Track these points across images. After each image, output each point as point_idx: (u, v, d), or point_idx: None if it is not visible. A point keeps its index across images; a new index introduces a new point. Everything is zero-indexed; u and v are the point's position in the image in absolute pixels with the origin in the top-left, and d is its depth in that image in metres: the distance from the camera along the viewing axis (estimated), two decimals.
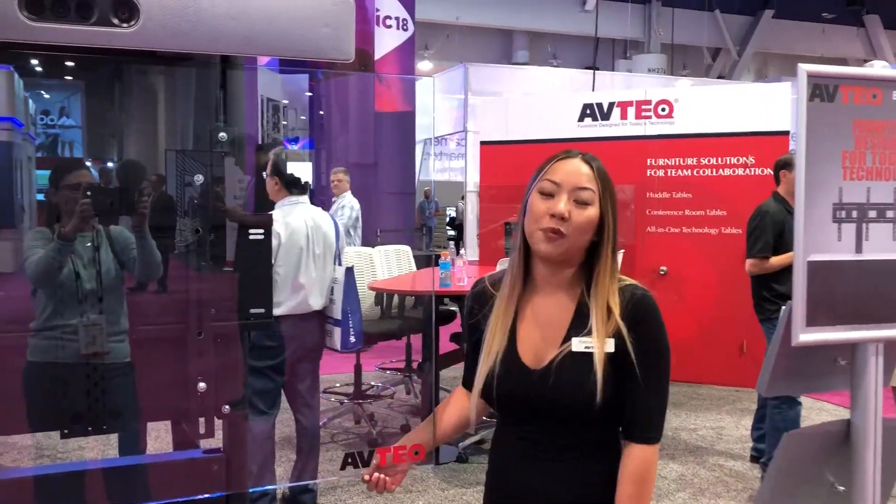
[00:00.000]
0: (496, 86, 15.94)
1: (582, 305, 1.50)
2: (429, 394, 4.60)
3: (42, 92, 2.27)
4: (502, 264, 4.46)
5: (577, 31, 20.53)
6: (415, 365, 5.66)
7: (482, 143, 7.12)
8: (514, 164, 6.62)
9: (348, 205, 7.29)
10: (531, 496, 1.51)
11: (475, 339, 1.61)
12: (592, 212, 1.48)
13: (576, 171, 1.50)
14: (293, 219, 3.51)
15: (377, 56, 11.16)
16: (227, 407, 1.62)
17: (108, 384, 2.05)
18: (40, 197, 2.19)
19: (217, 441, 1.65)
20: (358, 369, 5.10)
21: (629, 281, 1.54)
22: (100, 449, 4.20)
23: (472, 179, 14.90)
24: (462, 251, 6.66)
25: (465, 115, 15.18)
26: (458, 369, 5.63)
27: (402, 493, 4.02)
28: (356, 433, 5.01)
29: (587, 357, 1.45)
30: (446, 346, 4.86)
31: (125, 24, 1.32)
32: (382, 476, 1.57)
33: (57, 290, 2.42)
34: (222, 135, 1.61)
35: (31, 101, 2.09)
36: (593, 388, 1.43)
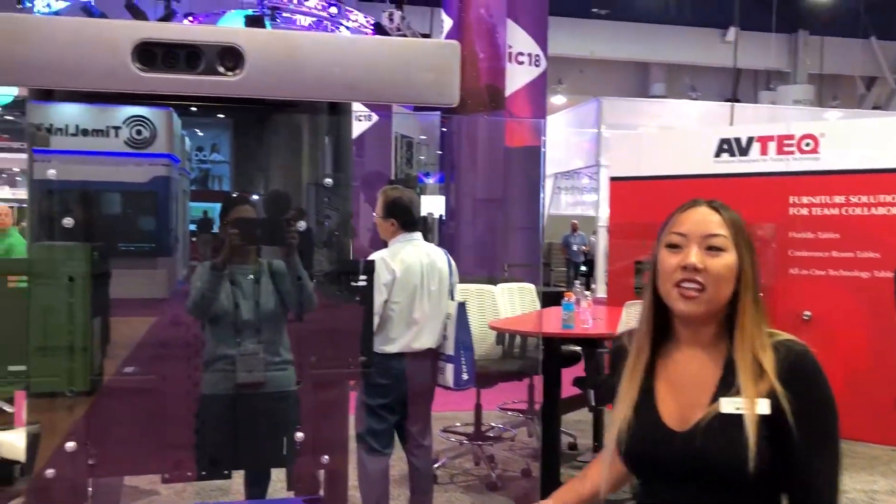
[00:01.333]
0: (631, 119, 15.66)
1: (729, 362, 1.39)
2: (549, 440, 4.46)
3: (196, 130, 2.39)
4: (629, 307, 4.28)
5: (716, 62, 19.87)
6: (537, 406, 5.52)
7: (612, 178, 6.94)
8: (645, 201, 6.40)
9: None
10: None
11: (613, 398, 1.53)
12: (729, 258, 1.38)
13: (703, 219, 1.41)
14: (407, 255, 3.51)
15: (509, 92, 11.20)
16: (325, 457, 1.59)
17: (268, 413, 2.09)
18: (192, 227, 2.27)
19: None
20: (478, 409, 5.03)
21: (784, 336, 1.42)
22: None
23: (604, 214, 14.63)
24: (593, 287, 6.48)
25: (599, 150, 14.98)
26: (581, 413, 5.45)
27: None
28: (475, 475, 4.91)
29: (738, 419, 1.33)
30: (569, 389, 4.71)
31: (230, 73, 1.34)
32: None
33: (217, 322, 2.47)
34: (328, 181, 1.60)
35: (186, 139, 2.21)
36: (745, 452, 1.30)
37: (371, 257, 3.42)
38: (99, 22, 1.36)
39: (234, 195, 2.39)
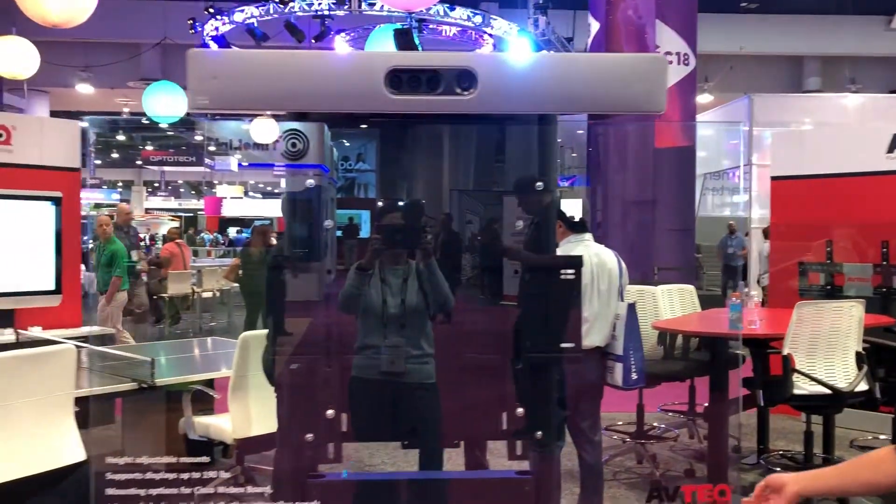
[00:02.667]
0: (784, 116, 14.98)
1: None
2: (715, 440, 4.45)
3: (344, 140, 2.51)
4: (800, 307, 4.22)
5: (880, 51, 18.64)
6: (699, 409, 5.49)
7: (773, 177, 6.76)
8: (809, 200, 6.22)
9: None
10: None
11: None
12: None
13: None
14: (577, 254, 3.64)
15: None
16: (540, 433, 1.76)
17: (410, 402, 2.31)
18: (338, 233, 2.39)
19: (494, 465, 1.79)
20: (640, 409, 5.08)
21: None
22: (396, 465, 4.64)
23: (756, 215, 14.06)
24: (746, 290, 6.37)
25: (750, 149, 14.43)
26: (745, 417, 5.37)
27: None
28: (638, 473, 4.97)
29: None
30: (733, 392, 4.68)
31: (466, 93, 1.54)
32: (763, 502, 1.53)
33: (366, 315, 2.74)
34: (539, 184, 1.77)
35: (334, 150, 2.32)
36: None
37: None
38: (357, 54, 1.59)
39: (386, 203, 2.59)
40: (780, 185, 6.63)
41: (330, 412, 1.77)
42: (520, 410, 1.72)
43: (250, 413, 4.17)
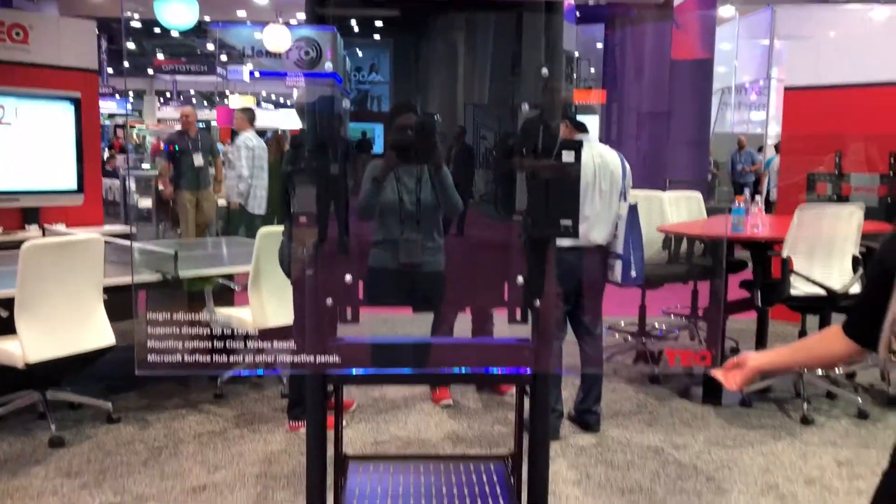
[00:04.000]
0: (808, 28, 14.64)
1: None
2: (713, 339, 4.63)
3: (357, 50, 2.49)
4: (801, 210, 4.31)
5: None
6: (700, 312, 5.67)
7: (787, 88, 6.75)
8: (822, 112, 6.23)
9: (242, 144, 7.60)
10: None
11: (879, 291, 1.55)
12: None
13: None
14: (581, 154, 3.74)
15: (677, 2, 10.84)
16: (538, 301, 1.92)
17: (424, 285, 2.49)
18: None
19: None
20: (643, 309, 5.25)
21: None
22: None
23: (773, 131, 13.93)
24: (757, 199, 6.43)
25: (770, 61, 14.18)
26: (744, 322, 5.54)
27: (682, 426, 4.15)
28: (638, 370, 5.19)
29: None
30: (735, 294, 4.84)
31: None
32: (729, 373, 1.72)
33: (384, 212, 2.96)
34: (544, 70, 1.87)
35: (347, 59, 2.28)
36: None
37: None
38: None
39: (400, 116, 2.65)
40: (794, 96, 6.62)
41: (348, 277, 1.92)
42: (520, 279, 1.88)
43: (269, 305, 4.37)
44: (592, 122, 4.10)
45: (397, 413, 4.27)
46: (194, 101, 35.17)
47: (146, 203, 11.66)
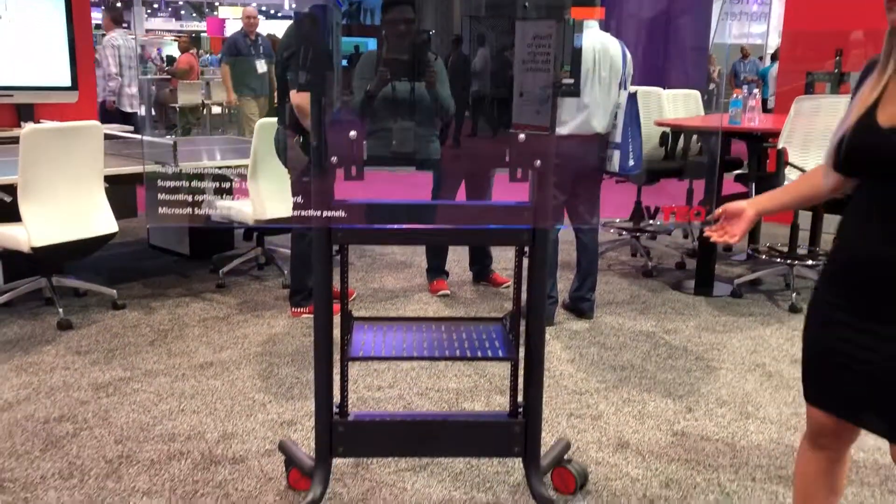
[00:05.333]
0: None
1: None
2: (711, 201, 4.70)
3: None
4: (798, 102, 4.33)
5: None
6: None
7: None
8: (824, 11, 6.15)
9: (108, 43, 7.61)
10: (877, 256, 1.56)
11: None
12: None
13: None
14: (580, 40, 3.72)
15: None
16: (538, 162, 1.97)
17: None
18: (344, 63, 2.30)
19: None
20: (638, 205, 5.32)
21: None
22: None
23: (774, 42, 13.70)
24: (755, 92, 6.38)
25: None
26: None
27: (674, 314, 4.27)
28: (632, 265, 5.30)
29: None
30: (730, 190, 4.90)
31: None
32: (720, 228, 1.78)
33: (379, 101, 2.99)
34: None
35: None
36: None
37: None
38: None
39: (393, 31, 2.61)
40: None
41: (353, 133, 1.96)
42: (521, 136, 1.92)
43: (268, 197, 4.41)
44: (590, 25, 4.03)
45: (395, 302, 4.37)
46: (182, 12, 34.33)
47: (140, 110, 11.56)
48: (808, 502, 1.86)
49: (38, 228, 3.69)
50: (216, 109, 11.98)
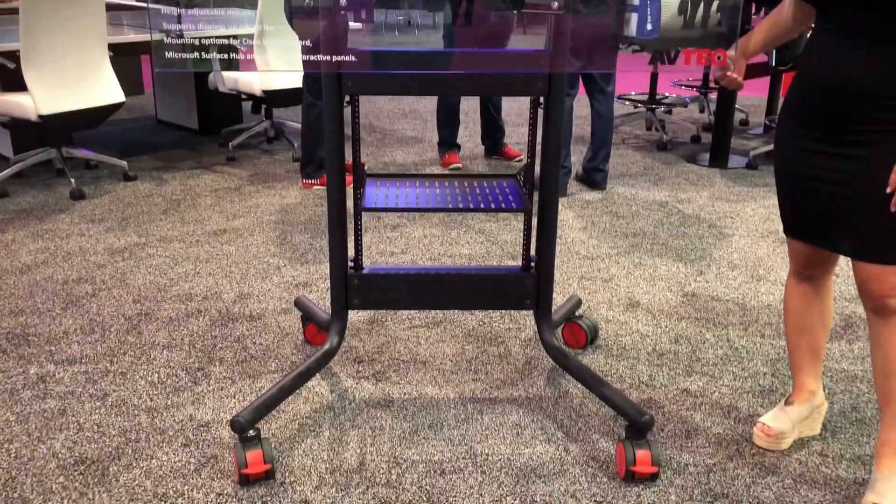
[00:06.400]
0: None
1: None
2: (724, 108, 4.60)
3: None
4: None
5: None
6: (711, 84, 5.61)
7: None
8: None
9: None
10: (845, 82, 1.60)
11: None
12: None
13: None
14: None
15: None
16: (556, 3, 1.89)
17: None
18: None
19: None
20: (654, 77, 5.19)
21: None
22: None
23: None
24: None
25: None
26: (757, 99, 5.48)
27: (688, 185, 4.24)
28: (647, 139, 5.22)
29: None
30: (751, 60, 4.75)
31: None
32: (727, 75, 1.90)
33: None
34: None
35: None
36: None
37: None
38: None
39: None
40: None
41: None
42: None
43: (276, 66, 4.31)
44: None
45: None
46: None
47: None
48: (800, 336, 1.94)
49: (44, 96, 3.64)
50: None
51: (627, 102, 5.44)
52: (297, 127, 4.95)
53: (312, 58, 1.85)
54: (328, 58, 1.88)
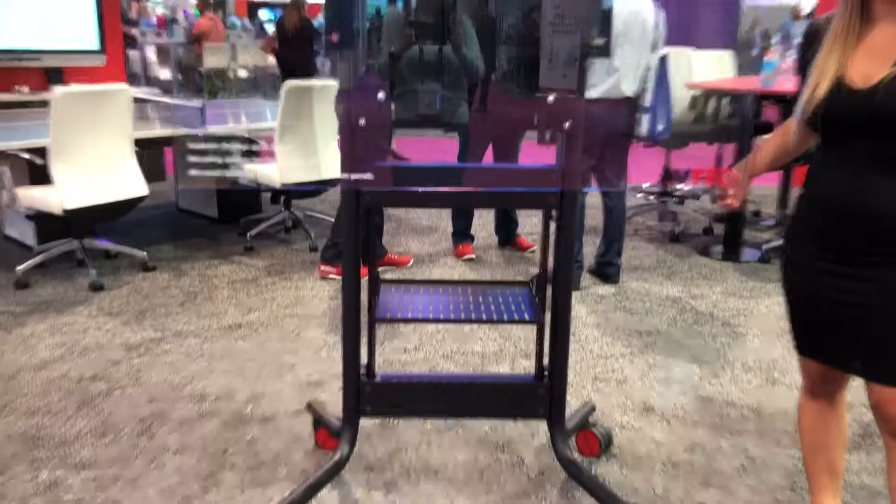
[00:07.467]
0: None
1: None
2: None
3: None
4: None
5: None
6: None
7: None
8: None
9: None
10: (856, 208, 1.62)
11: (806, 72, 1.71)
12: None
13: None
14: (614, 3, 3.65)
15: None
16: (567, 123, 1.95)
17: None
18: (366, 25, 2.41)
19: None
20: (666, 169, 5.26)
21: None
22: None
23: (810, 2, 13.27)
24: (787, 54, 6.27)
25: None
26: (768, 189, 5.54)
27: (701, 279, 4.25)
28: (659, 230, 5.25)
29: None
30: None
31: None
32: (727, 193, 1.89)
33: (406, 62, 3.04)
34: None
35: None
36: None
37: None
38: None
39: None
40: None
41: (381, 95, 1.95)
42: (550, 98, 1.90)
43: (296, 160, 4.42)
44: None
45: (421, 266, 4.39)
46: None
47: (165, 74, 11.61)
48: (816, 454, 1.92)
49: (69, 191, 3.74)
50: (242, 73, 11.97)
51: (640, 195, 5.51)
52: (314, 216, 5.04)
53: (339, 175, 1.90)
54: (347, 177, 1.94)
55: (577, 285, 4.05)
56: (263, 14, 26.33)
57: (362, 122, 1.95)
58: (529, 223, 4.99)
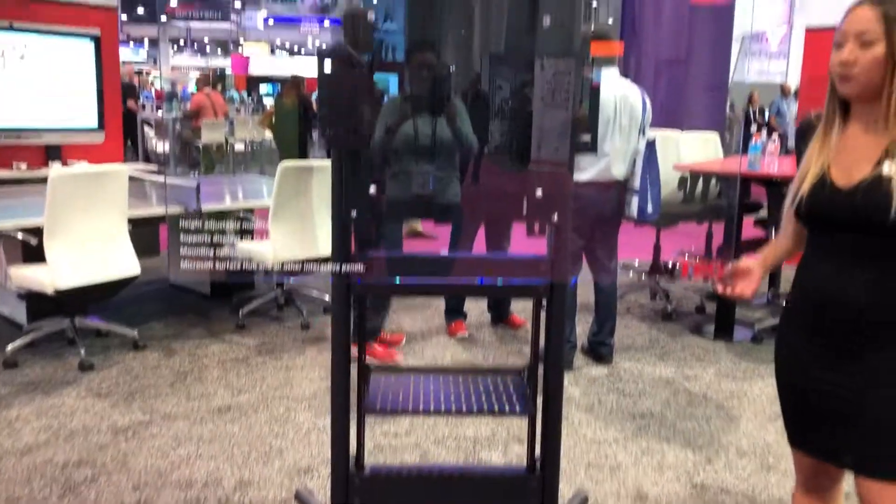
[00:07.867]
0: None
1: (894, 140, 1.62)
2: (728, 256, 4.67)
3: None
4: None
5: None
6: (714, 253, 5.71)
7: (809, 29, 6.67)
8: None
9: None
10: (840, 300, 1.65)
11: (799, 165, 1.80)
12: (877, 50, 1.58)
13: (858, 17, 1.61)
14: (602, 90, 3.75)
15: None
16: (556, 216, 1.98)
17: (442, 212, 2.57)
18: None
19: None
20: (657, 248, 5.31)
21: None
22: None
23: (795, 81, 13.67)
24: (774, 136, 6.41)
25: (792, 7, 13.93)
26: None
27: (694, 360, 4.24)
28: (651, 308, 5.27)
29: (891, 180, 1.58)
30: (750, 234, 4.88)
31: None
32: (730, 282, 1.86)
33: (401, 143, 3.16)
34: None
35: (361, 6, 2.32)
36: (891, 204, 1.55)
37: None
38: None
39: (414, 67, 2.75)
40: (816, 37, 6.55)
41: (372, 188, 1.99)
42: (538, 191, 1.93)
43: (290, 239, 4.45)
44: (611, 73, 4.06)
45: (413, 345, 4.37)
46: (208, 48, 35.06)
47: (163, 147, 11.76)
48: None
49: (62, 271, 3.75)
50: (239, 147, 12.16)
51: (631, 273, 5.54)
52: (307, 294, 5.04)
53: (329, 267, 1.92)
54: (338, 267, 1.95)
55: (570, 365, 4.04)
56: (263, 88, 26.92)
57: (353, 213, 1.98)
58: (523, 300, 5.00)
